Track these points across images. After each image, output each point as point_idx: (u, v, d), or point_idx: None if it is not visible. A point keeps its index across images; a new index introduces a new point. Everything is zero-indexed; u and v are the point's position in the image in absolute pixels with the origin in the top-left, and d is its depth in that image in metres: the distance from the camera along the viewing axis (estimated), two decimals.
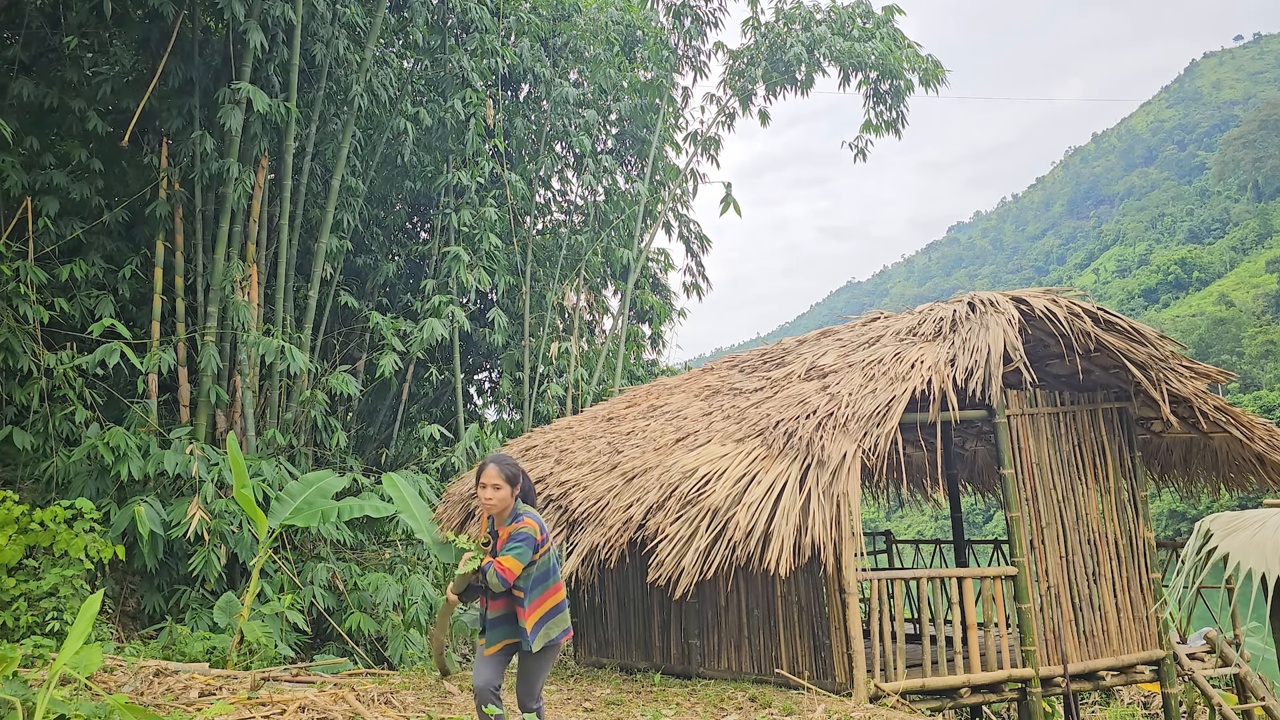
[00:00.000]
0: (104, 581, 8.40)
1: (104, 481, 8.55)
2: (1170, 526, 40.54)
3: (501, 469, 4.12)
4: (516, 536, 4.05)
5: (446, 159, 13.34)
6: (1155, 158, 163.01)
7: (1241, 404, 37.14)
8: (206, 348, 9.49)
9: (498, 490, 4.11)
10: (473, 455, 11.51)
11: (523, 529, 4.07)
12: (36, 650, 5.71)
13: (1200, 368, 7.49)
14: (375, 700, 5.71)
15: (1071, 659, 7.05)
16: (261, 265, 10.55)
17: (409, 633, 9.17)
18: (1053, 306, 6.93)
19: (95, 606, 3.95)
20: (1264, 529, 4.33)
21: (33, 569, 6.88)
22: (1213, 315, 69.93)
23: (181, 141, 10.15)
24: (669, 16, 16.73)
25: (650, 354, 17.72)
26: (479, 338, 14.41)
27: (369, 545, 11.20)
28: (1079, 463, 7.46)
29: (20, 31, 9.68)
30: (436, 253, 13.33)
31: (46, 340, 9.14)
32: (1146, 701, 11.07)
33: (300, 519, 8.00)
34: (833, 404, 6.66)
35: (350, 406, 13.27)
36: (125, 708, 3.98)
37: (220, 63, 10.30)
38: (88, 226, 9.85)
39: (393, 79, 12.94)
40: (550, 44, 15.09)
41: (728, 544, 6.03)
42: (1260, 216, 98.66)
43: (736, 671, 7.35)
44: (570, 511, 7.47)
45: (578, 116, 14.80)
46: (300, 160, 11.20)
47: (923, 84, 16.05)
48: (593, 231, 15.69)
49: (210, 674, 6.08)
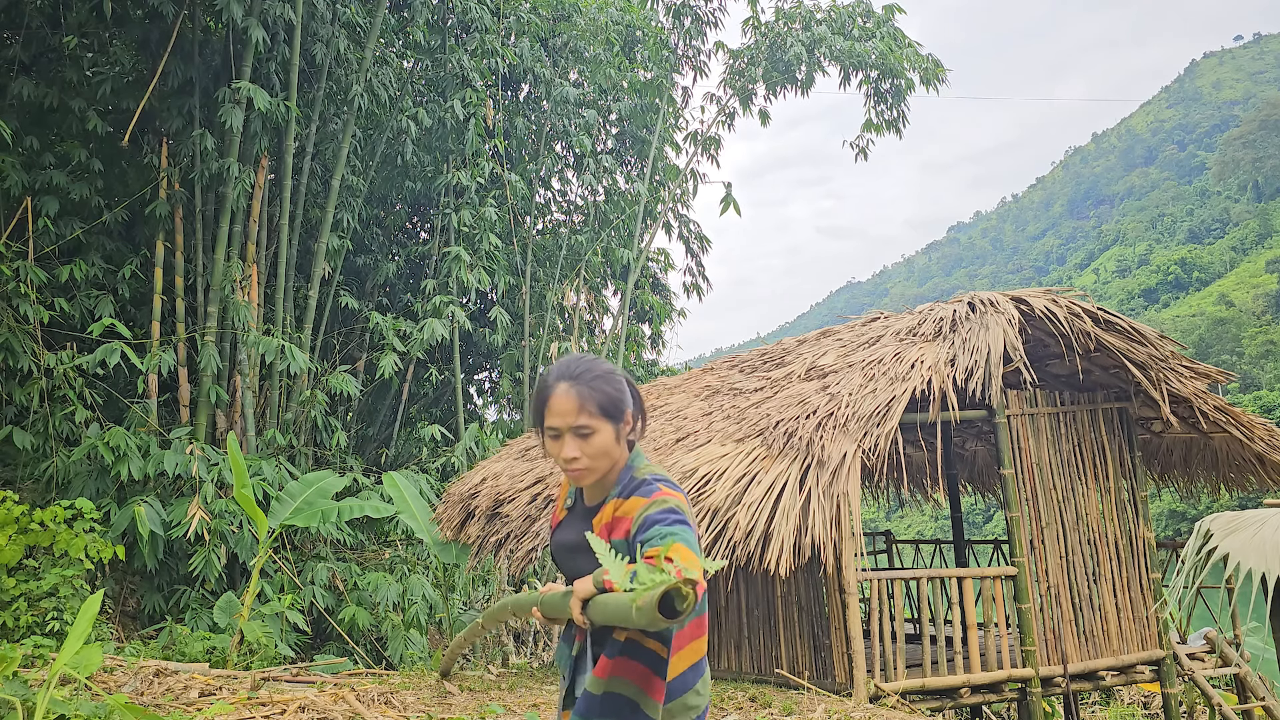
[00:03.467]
0: (104, 581, 8.40)
1: (104, 481, 8.55)
2: (1170, 526, 40.54)
3: (592, 391, 2.05)
4: (665, 513, 1.92)
5: (446, 159, 13.34)
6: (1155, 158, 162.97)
7: (1241, 404, 37.10)
8: (206, 348, 9.49)
9: (590, 437, 2.04)
10: (473, 455, 11.50)
11: (668, 502, 1.95)
12: (36, 650, 5.71)
13: (1200, 368, 7.49)
14: (375, 700, 5.71)
15: (1071, 659, 7.05)
16: (261, 265, 10.55)
17: (409, 633, 9.17)
18: (1053, 306, 6.93)
19: (95, 606, 3.95)
20: (1264, 529, 4.33)
21: (33, 569, 6.88)
22: (1213, 315, 69.92)
23: (181, 141, 10.15)
24: (669, 16, 16.72)
25: (650, 354, 17.72)
26: (479, 338, 14.41)
27: (369, 545, 11.20)
28: (1079, 463, 7.45)
29: (20, 31, 9.67)
30: (436, 253, 13.33)
31: (46, 340, 9.14)
32: (1146, 701, 11.07)
33: (300, 519, 7.99)
34: (833, 404, 6.66)
35: (350, 406, 13.27)
36: (125, 708, 3.98)
37: (220, 62, 10.30)
38: (88, 226, 9.85)
39: (393, 79, 12.94)
40: (550, 44, 15.09)
41: (728, 544, 6.03)
42: (1260, 216, 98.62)
43: (736, 671, 7.35)
44: None
45: (578, 116, 14.80)
46: (300, 160, 11.20)
47: (923, 83, 16.04)
48: (593, 231, 15.69)
49: (210, 674, 6.08)
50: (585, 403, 2.02)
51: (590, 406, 2.02)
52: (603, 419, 2.03)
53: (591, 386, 2.03)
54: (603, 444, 2.04)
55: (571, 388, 2.02)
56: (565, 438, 2.03)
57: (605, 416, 2.04)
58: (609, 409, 2.05)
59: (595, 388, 2.03)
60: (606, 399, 2.04)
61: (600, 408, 2.03)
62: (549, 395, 2.05)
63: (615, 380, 2.09)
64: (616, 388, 2.07)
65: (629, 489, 2.03)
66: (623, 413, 2.07)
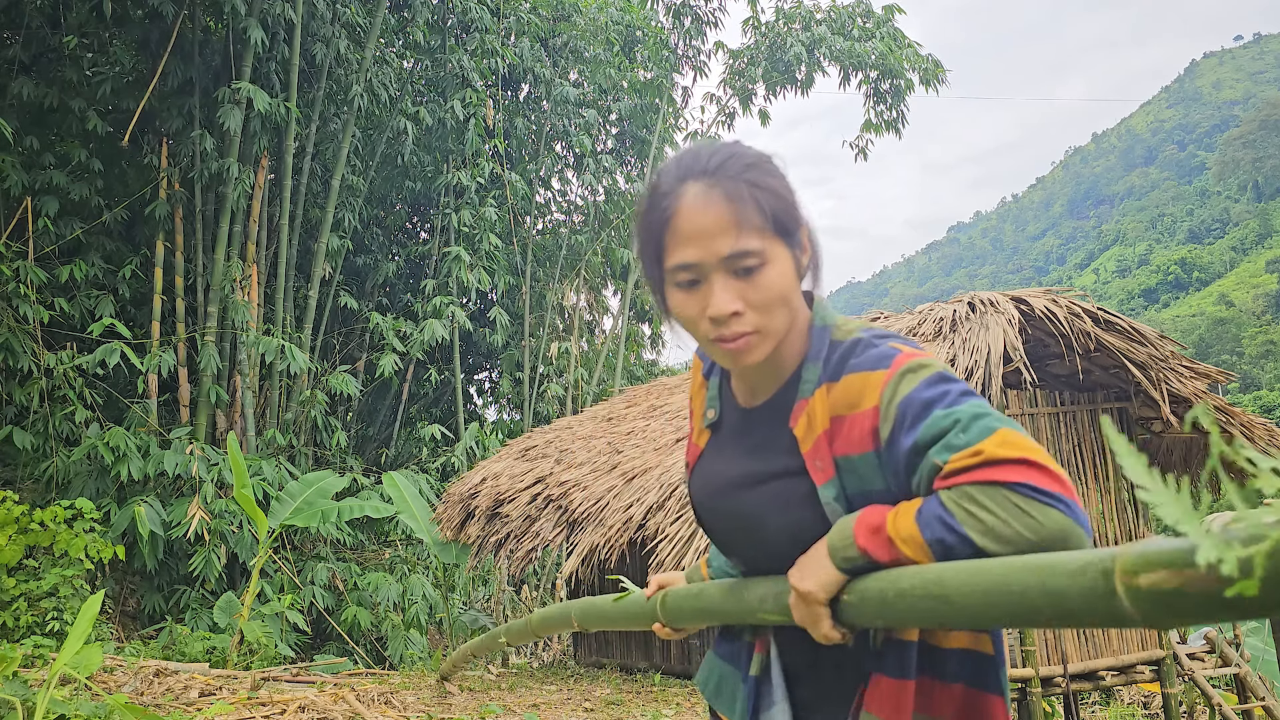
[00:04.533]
0: (104, 581, 8.40)
1: (104, 481, 8.55)
2: None
3: (752, 190, 1.14)
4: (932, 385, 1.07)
5: (446, 159, 13.34)
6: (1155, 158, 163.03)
7: (1241, 404, 37.12)
8: (206, 348, 9.49)
9: (757, 272, 1.13)
10: (473, 455, 11.50)
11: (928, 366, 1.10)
12: (36, 650, 5.71)
13: (1200, 368, 7.49)
14: (375, 700, 5.71)
15: (1071, 659, 7.05)
16: (261, 265, 10.55)
17: (409, 633, 9.18)
18: (1053, 306, 6.93)
19: (95, 606, 3.95)
20: None
21: (33, 569, 6.88)
22: (1213, 315, 69.97)
23: (181, 141, 10.16)
24: (669, 16, 16.72)
25: (650, 354, 17.74)
26: (479, 338, 14.42)
27: (369, 545, 11.20)
28: (1079, 463, 7.46)
29: (20, 31, 9.67)
30: (436, 253, 13.33)
31: (46, 340, 9.14)
32: (1146, 701, 11.07)
33: (300, 519, 8.00)
34: None
35: (350, 406, 13.28)
36: (125, 708, 3.98)
37: (220, 62, 10.30)
38: (88, 226, 9.85)
39: (393, 79, 12.95)
40: (550, 44, 15.10)
41: None
42: (1260, 216, 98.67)
43: None
44: (570, 511, 7.47)
45: (578, 116, 14.81)
46: (300, 160, 11.20)
47: (923, 83, 16.05)
48: (593, 231, 15.69)
49: (210, 674, 6.08)
50: (743, 210, 1.12)
51: (752, 215, 1.12)
52: (774, 238, 1.14)
53: (750, 182, 1.13)
54: (780, 283, 1.14)
55: (714, 188, 1.13)
56: (713, 279, 1.13)
57: (778, 233, 1.14)
58: (782, 218, 1.15)
59: (754, 183, 1.14)
60: (776, 201, 1.15)
61: (770, 216, 1.13)
62: (674, 207, 1.14)
63: (778, 171, 1.18)
64: (784, 183, 1.18)
65: (838, 362, 1.16)
66: (799, 225, 1.18)
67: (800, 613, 1.11)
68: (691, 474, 1.37)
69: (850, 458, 1.12)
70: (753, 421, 1.28)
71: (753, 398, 1.28)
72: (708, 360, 1.42)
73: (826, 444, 1.15)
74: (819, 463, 1.15)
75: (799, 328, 1.22)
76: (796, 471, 1.18)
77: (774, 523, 1.20)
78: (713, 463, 1.32)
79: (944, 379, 1.08)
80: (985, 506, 0.96)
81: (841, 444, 1.13)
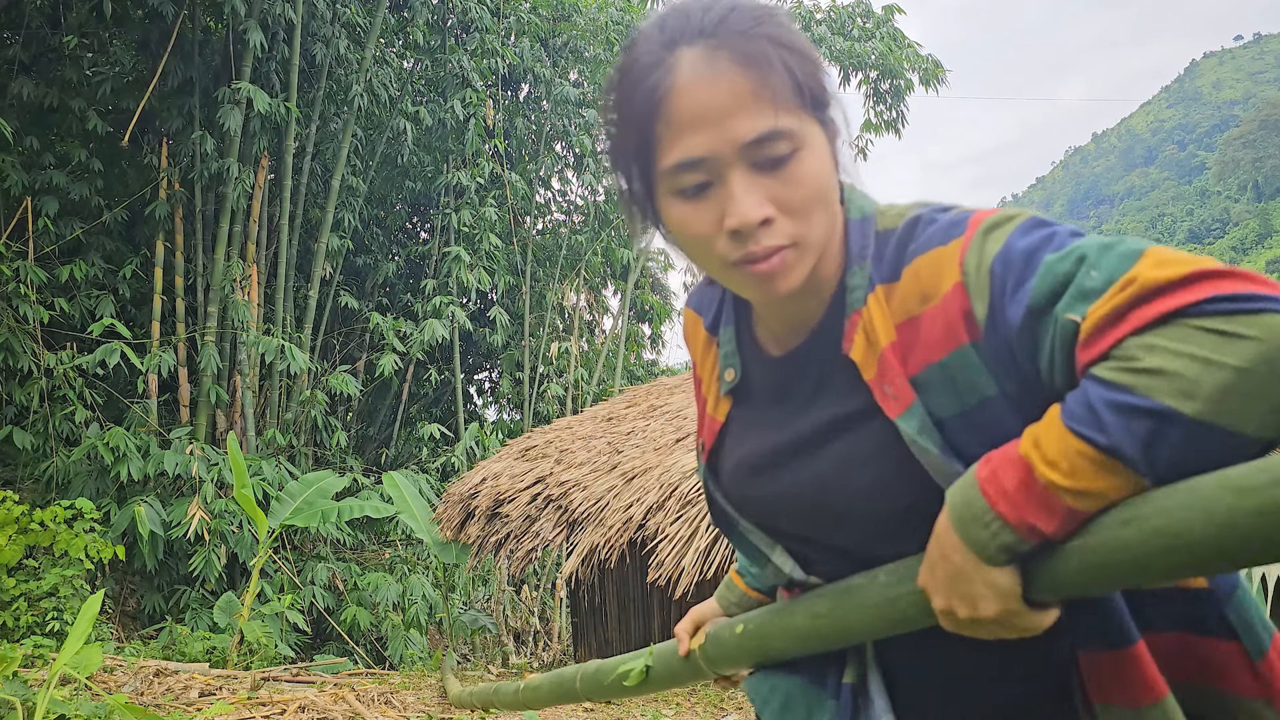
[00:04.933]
0: (104, 581, 8.41)
1: (104, 481, 8.55)
2: None
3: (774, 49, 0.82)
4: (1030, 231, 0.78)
5: (446, 159, 13.35)
6: (1155, 158, 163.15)
7: None
8: (206, 348, 9.49)
9: (790, 160, 0.83)
10: (473, 455, 11.50)
11: (1014, 218, 0.81)
12: (36, 650, 5.71)
13: None
14: (375, 700, 5.71)
15: None
16: (261, 265, 10.55)
17: (409, 633, 9.18)
18: None
19: (95, 606, 3.95)
20: None
21: (33, 569, 6.89)
22: None
23: (181, 141, 10.16)
24: None
25: (650, 354, 17.74)
26: (479, 338, 14.42)
27: (369, 545, 11.21)
28: None
29: (20, 31, 9.67)
30: (436, 253, 13.34)
31: (46, 340, 9.15)
32: None
33: (300, 519, 8.00)
34: None
35: (350, 406, 13.28)
36: (125, 708, 3.98)
37: (220, 63, 10.30)
38: (88, 226, 9.85)
39: (393, 79, 12.95)
40: (550, 44, 15.10)
41: (728, 544, 6.02)
42: (1260, 216, 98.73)
43: None
44: (570, 511, 7.48)
45: (578, 116, 14.81)
46: (300, 160, 11.20)
47: (923, 84, 16.05)
48: (593, 231, 15.70)
49: (210, 674, 6.08)
50: (765, 76, 0.83)
51: (778, 83, 0.83)
52: (806, 114, 0.86)
53: (769, 38, 0.84)
54: (820, 175, 0.86)
55: (719, 49, 0.83)
56: (731, 178, 0.84)
57: (810, 107, 0.86)
58: (814, 87, 0.86)
59: (774, 38, 0.84)
60: (804, 64, 0.86)
61: (799, 84, 0.85)
62: (666, 83, 0.83)
63: (792, 28, 0.88)
64: (806, 41, 0.89)
65: (894, 253, 0.88)
66: (831, 97, 0.89)
67: (984, 631, 0.77)
68: (711, 458, 1.03)
69: (936, 366, 0.82)
70: (792, 371, 0.96)
71: (788, 339, 0.96)
72: (710, 306, 1.08)
73: (897, 361, 0.84)
74: (889, 388, 0.84)
75: (835, 233, 0.91)
76: (867, 412, 0.87)
77: (845, 492, 0.88)
78: (744, 438, 1.00)
79: (1042, 223, 0.80)
80: (1174, 352, 0.64)
81: (920, 353, 0.83)
